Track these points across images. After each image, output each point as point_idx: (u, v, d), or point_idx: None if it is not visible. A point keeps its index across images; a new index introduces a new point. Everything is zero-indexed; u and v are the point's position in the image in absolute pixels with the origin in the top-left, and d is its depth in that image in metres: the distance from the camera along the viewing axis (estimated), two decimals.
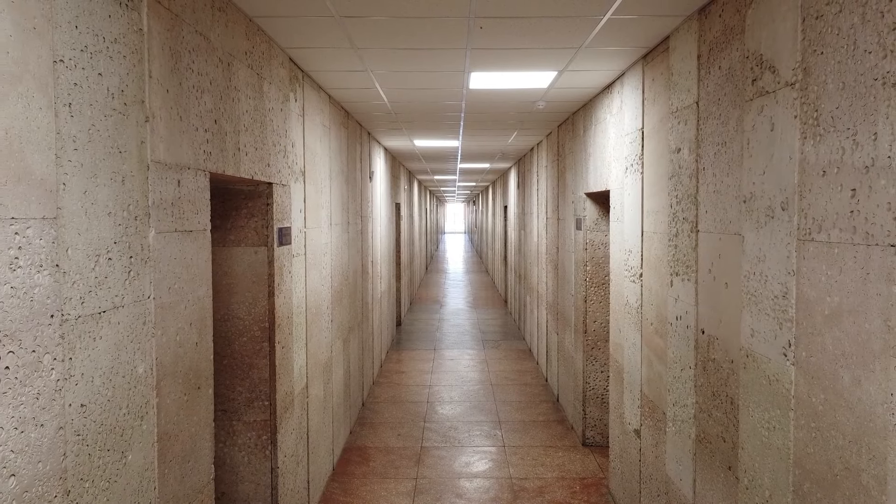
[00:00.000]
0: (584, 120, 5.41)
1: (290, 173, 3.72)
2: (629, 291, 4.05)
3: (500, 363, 8.63)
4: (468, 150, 9.46)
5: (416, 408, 6.69)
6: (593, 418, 5.50)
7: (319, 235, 4.55)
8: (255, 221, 3.37)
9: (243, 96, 2.92)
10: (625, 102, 4.14)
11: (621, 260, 4.26)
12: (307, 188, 4.17)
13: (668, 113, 3.28)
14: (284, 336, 3.57)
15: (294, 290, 3.82)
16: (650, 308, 3.61)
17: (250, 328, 3.38)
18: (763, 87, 2.27)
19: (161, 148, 2.08)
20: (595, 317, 5.44)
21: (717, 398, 2.69)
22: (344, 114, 5.58)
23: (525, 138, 7.88)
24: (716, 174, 2.69)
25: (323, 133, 4.71)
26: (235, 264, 3.36)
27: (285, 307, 3.58)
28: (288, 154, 3.69)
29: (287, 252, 3.63)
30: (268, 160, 3.29)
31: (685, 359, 3.05)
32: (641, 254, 3.78)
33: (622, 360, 4.24)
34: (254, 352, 3.39)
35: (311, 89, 4.30)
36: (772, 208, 2.20)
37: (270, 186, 3.37)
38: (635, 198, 3.89)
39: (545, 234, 7.79)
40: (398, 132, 7.26)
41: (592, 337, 5.45)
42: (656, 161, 3.49)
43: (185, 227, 2.27)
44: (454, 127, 6.82)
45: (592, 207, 5.42)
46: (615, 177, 4.40)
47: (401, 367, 8.47)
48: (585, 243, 5.43)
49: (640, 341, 3.82)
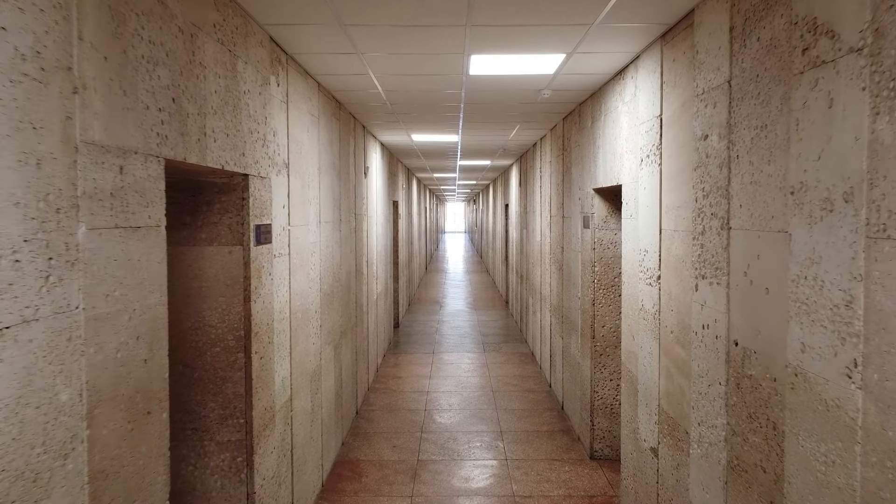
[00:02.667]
0: (593, 110, 5.05)
1: (270, 165, 3.37)
2: (645, 295, 3.69)
3: (502, 367, 8.27)
4: (468, 146, 9.10)
5: (414, 416, 6.33)
6: (602, 430, 5.14)
7: (306, 234, 4.19)
8: (229, 218, 3.01)
9: (211, 74, 2.56)
10: (640, 88, 3.78)
11: (635, 261, 3.90)
12: (292, 182, 3.81)
13: (693, 96, 2.92)
14: (263, 345, 3.21)
15: (276, 293, 3.46)
16: (670, 314, 3.25)
17: (224, 337, 3.02)
18: (818, 57, 1.91)
19: (97, 127, 1.72)
20: (604, 321, 5.08)
21: (754, 421, 2.33)
22: (335, 104, 5.22)
23: (528, 132, 7.52)
24: (753, 162, 2.33)
25: (311, 123, 4.35)
26: (207, 266, 3.00)
27: (264, 313, 3.23)
28: (268, 143, 3.33)
29: (267, 252, 3.27)
30: (242, 149, 2.93)
31: (714, 373, 2.69)
32: (659, 254, 3.42)
33: (636, 370, 3.88)
34: (228, 364, 3.03)
35: (296, 74, 3.94)
36: (830, 200, 1.84)
37: (246, 178, 3.01)
38: (652, 192, 3.53)
39: (549, 233, 7.43)
40: (395, 126, 6.90)
41: (601, 343, 5.09)
42: (677, 151, 3.13)
43: (131, 223, 1.91)
44: (453, 120, 6.46)
45: (601, 204, 5.05)
46: (628, 170, 4.04)
47: (398, 371, 8.12)
48: (594, 242, 5.07)
49: (657, 350, 3.46)
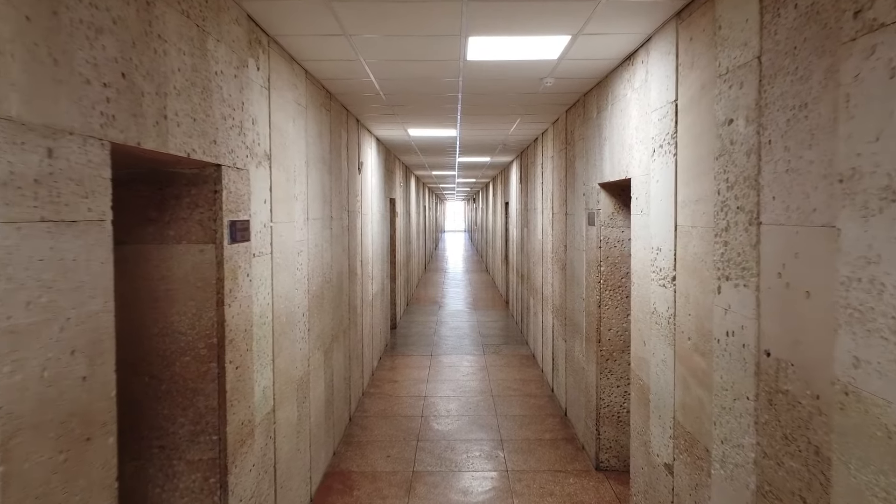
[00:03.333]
0: (598, 100, 4.76)
1: (248, 155, 3.07)
2: (657, 297, 3.40)
3: (502, 371, 7.98)
4: (467, 142, 8.80)
5: (410, 423, 6.04)
6: (608, 439, 4.85)
7: (292, 231, 3.90)
8: (199, 213, 2.72)
9: (173, 50, 2.27)
10: (651, 73, 3.49)
11: (646, 260, 3.61)
12: (274, 175, 3.51)
13: (714, 77, 2.63)
14: (240, 353, 2.92)
15: (255, 296, 3.17)
16: (687, 319, 2.96)
17: (194, 345, 2.73)
18: (874, 19, 1.62)
19: (14, 99, 1.43)
20: (610, 324, 4.79)
21: (791, 443, 2.04)
22: (325, 94, 4.93)
23: (529, 126, 7.22)
24: (790, 148, 2.04)
25: (297, 113, 4.05)
26: (176, 266, 2.71)
27: (241, 318, 2.93)
28: (245, 132, 3.04)
29: (244, 251, 2.98)
30: (214, 136, 2.63)
31: (740, 386, 2.40)
32: (674, 252, 3.13)
33: (647, 378, 3.59)
34: (199, 374, 2.74)
35: (279, 59, 3.65)
36: (893, 188, 1.55)
37: (219, 169, 2.71)
38: (666, 186, 3.24)
39: (551, 231, 7.14)
40: (390, 119, 6.61)
41: (608, 347, 4.80)
42: (696, 139, 2.84)
43: (64, 216, 1.61)
44: (451, 112, 6.17)
45: (608, 200, 4.76)
46: (638, 162, 3.75)
47: (394, 374, 7.82)
48: (599, 240, 4.78)
49: (672, 358, 3.17)
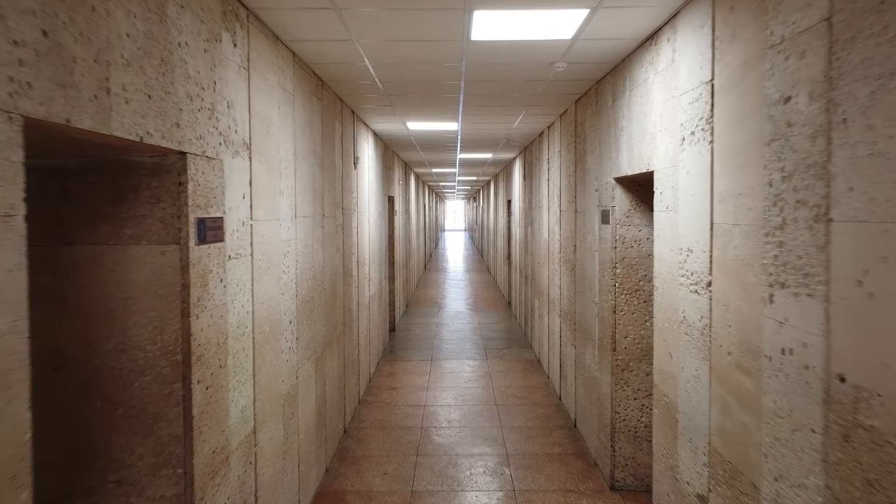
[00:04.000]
0: (614, 87, 4.37)
1: (222, 143, 2.68)
2: (687, 305, 3.01)
3: (506, 377, 7.59)
4: (469, 137, 8.41)
5: (409, 435, 5.65)
6: (625, 456, 4.46)
7: (276, 230, 3.51)
8: (161, 209, 2.33)
9: (120, 11, 1.88)
10: (680, 51, 3.10)
11: (674, 262, 3.22)
12: (256, 167, 3.13)
13: (764, 49, 2.24)
14: (211, 371, 2.53)
15: (232, 304, 2.78)
16: (726, 331, 2.57)
17: (156, 363, 2.34)
18: None
19: None
20: (627, 331, 4.40)
21: (878, 491, 1.65)
22: (316, 81, 4.54)
23: (534, 119, 6.83)
24: (875, 126, 1.65)
25: (283, 99, 3.66)
26: (133, 271, 2.32)
27: (213, 330, 2.55)
28: (219, 116, 2.65)
29: (217, 253, 2.59)
30: (176, 118, 2.24)
31: (802, 416, 2.01)
32: (710, 254, 2.73)
33: (675, 395, 3.20)
34: (161, 397, 2.35)
35: (261, 37, 3.26)
36: None
37: (183, 158, 2.32)
38: (699, 178, 2.85)
39: (558, 230, 6.75)
40: (388, 111, 6.21)
41: (624, 356, 4.41)
42: (738, 122, 2.45)
43: None
44: (452, 103, 5.78)
45: (624, 196, 4.37)
46: (663, 153, 3.36)
47: (393, 381, 7.44)
48: (614, 240, 4.39)
49: (706, 374, 2.78)
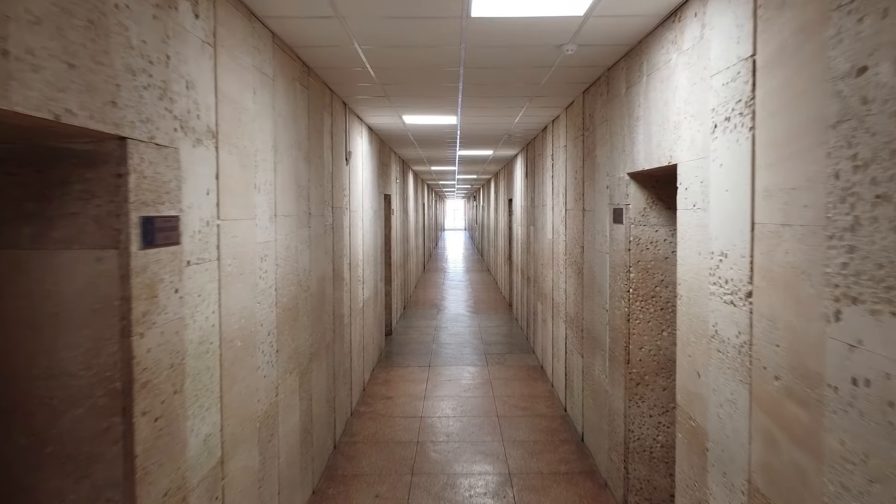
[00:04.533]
0: (628, 72, 3.97)
1: (179, 129, 2.29)
2: (721, 318, 2.61)
3: (508, 385, 7.19)
4: (468, 132, 8.01)
5: (404, 451, 5.25)
6: (639, 479, 4.07)
7: (251, 231, 3.11)
8: (97, 206, 1.93)
9: None
10: (710, 26, 2.70)
11: (702, 268, 2.82)
12: (224, 158, 2.73)
13: (826, 12, 1.84)
14: (162, 399, 2.14)
15: (192, 317, 2.38)
16: (772, 351, 2.17)
17: (91, 392, 1.95)
18: None
19: None
20: (641, 342, 4.00)
21: None
22: (301, 67, 4.14)
23: (538, 112, 6.43)
24: None
25: (260, 84, 3.27)
26: (64, 280, 1.93)
27: (165, 350, 2.15)
28: (173, 97, 2.25)
29: (170, 258, 2.19)
30: (112, 95, 1.85)
31: (885, 465, 1.61)
32: (751, 259, 2.34)
33: (703, 419, 2.80)
34: (97, 433, 1.95)
35: (231, 10, 2.86)
36: None
37: (124, 144, 1.93)
38: (736, 170, 2.45)
39: (563, 230, 6.35)
40: (383, 102, 5.81)
41: (638, 369, 4.01)
42: (790, 102, 2.05)
43: None
44: (451, 94, 5.38)
45: (639, 192, 3.97)
46: (689, 143, 2.96)
47: (388, 390, 7.04)
48: (628, 241, 3.99)
49: (745, 400, 2.39)
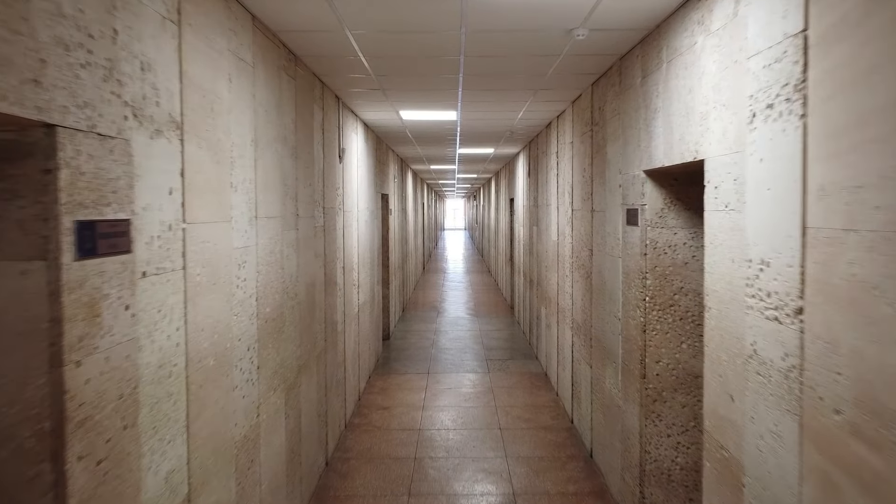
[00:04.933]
0: (644, 60, 3.63)
1: (130, 117, 1.95)
2: (761, 336, 2.28)
3: (511, 394, 6.85)
4: (469, 128, 7.68)
5: (400, 468, 4.92)
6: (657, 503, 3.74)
7: (227, 235, 2.77)
8: (19, 208, 1.60)
9: None
10: (746, 2, 2.36)
11: (737, 277, 2.48)
12: (191, 153, 2.39)
13: None
14: (107, 438, 1.80)
15: (149, 337, 2.05)
16: (831, 379, 1.84)
17: (15, 433, 1.61)
18: None
19: None
20: (659, 354, 3.67)
21: None
22: (287, 55, 3.80)
23: (542, 107, 6.09)
24: None
25: (237, 71, 2.93)
26: None
27: (111, 378, 1.81)
28: (122, 79, 1.91)
29: (118, 269, 1.85)
30: (33, 72, 1.51)
31: None
32: (802, 270, 2.00)
33: (738, 450, 2.47)
34: (22, 482, 1.61)
35: None
36: None
37: (52, 133, 1.59)
38: (783, 164, 2.11)
39: (570, 232, 6.01)
40: (379, 97, 5.48)
41: (655, 384, 3.68)
42: (856, 84, 1.71)
43: None
44: (451, 86, 5.04)
45: (656, 192, 3.64)
46: (720, 136, 2.62)
47: (385, 399, 6.70)
48: (644, 245, 3.66)
49: (794, 433, 2.05)
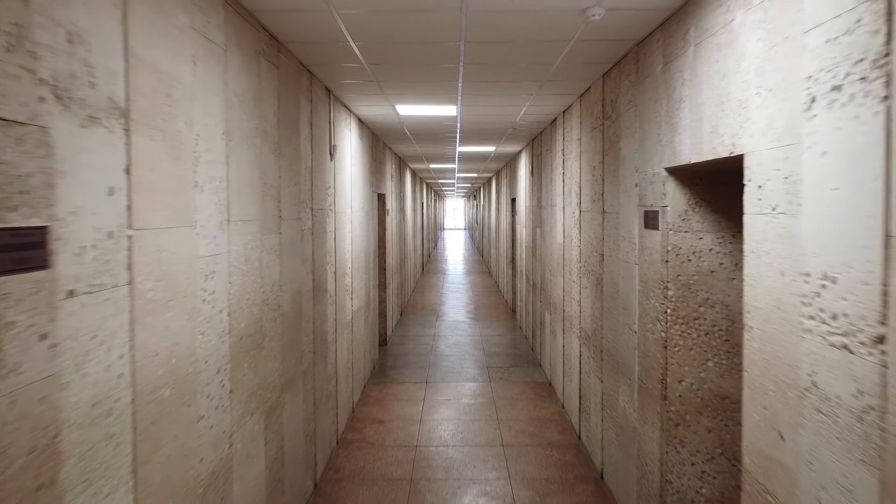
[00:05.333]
0: (666, 45, 3.25)
1: (49, 98, 1.56)
2: (823, 366, 1.89)
3: (513, 406, 6.47)
4: (469, 126, 7.29)
5: (396, 491, 4.53)
6: None
7: (189, 242, 2.39)
8: None
9: None
10: None
11: (789, 293, 2.10)
12: (141, 146, 2.01)
13: None
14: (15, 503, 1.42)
15: (78, 371, 1.66)
16: None
17: None
18: None
19: None
20: (681, 373, 3.29)
21: None
22: (268, 39, 3.42)
23: (547, 101, 5.71)
24: None
25: (204, 53, 2.55)
26: None
27: (24, 426, 1.43)
28: (37, 51, 1.53)
29: (30, 289, 1.47)
30: None
31: None
32: (883, 288, 1.62)
33: (790, 499, 2.08)
34: None
35: None
36: None
37: None
38: (855, 159, 1.73)
39: (577, 234, 5.63)
40: (373, 89, 5.09)
41: (678, 406, 3.30)
42: None
43: None
44: (450, 77, 4.66)
45: (679, 191, 3.26)
46: (766, 126, 2.24)
47: (380, 411, 6.32)
48: (665, 251, 3.28)
49: (872, 489, 1.67)
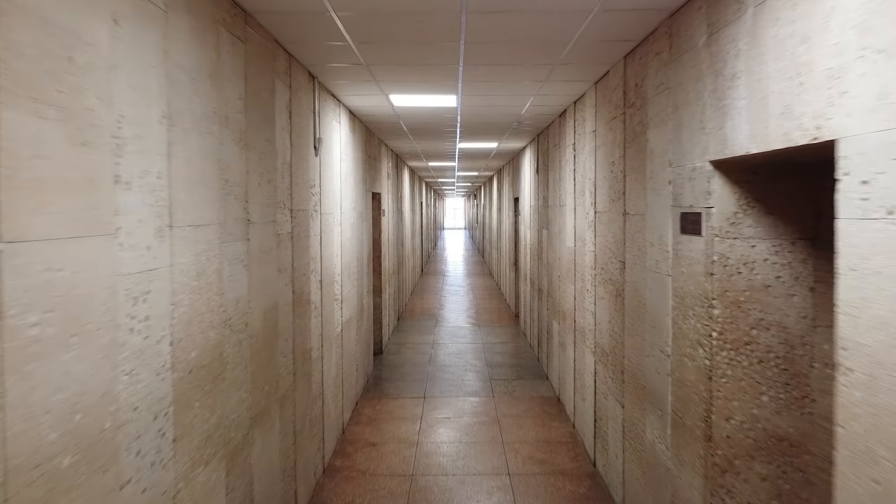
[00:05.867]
0: (713, 11, 2.67)
1: None
2: None
3: (519, 425, 5.90)
4: (470, 118, 6.72)
5: None
6: None
7: (105, 256, 1.81)
8: None
9: None
10: None
11: None
12: (16, 123, 1.44)
13: None
14: None
15: None
16: None
17: None
18: None
19: None
20: (730, 409, 2.72)
21: None
22: (230, 7, 2.84)
23: (557, 89, 5.14)
24: None
25: (133, 10, 1.97)
26: None
27: None
28: None
29: None
30: None
31: None
32: None
33: None
34: None
35: None
36: None
37: None
38: None
39: (592, 238, 5.06)
40: (363, 74, 4.52)
41: (725, 449, 2.73)
42: None
43: None
44: (449, 59, 4.09)
45: (727, 189, 2.68)
46: (874, 100, 1.66)
47: (373, 432, 5.74)
48: (710, 261, 2.71)
49: None
